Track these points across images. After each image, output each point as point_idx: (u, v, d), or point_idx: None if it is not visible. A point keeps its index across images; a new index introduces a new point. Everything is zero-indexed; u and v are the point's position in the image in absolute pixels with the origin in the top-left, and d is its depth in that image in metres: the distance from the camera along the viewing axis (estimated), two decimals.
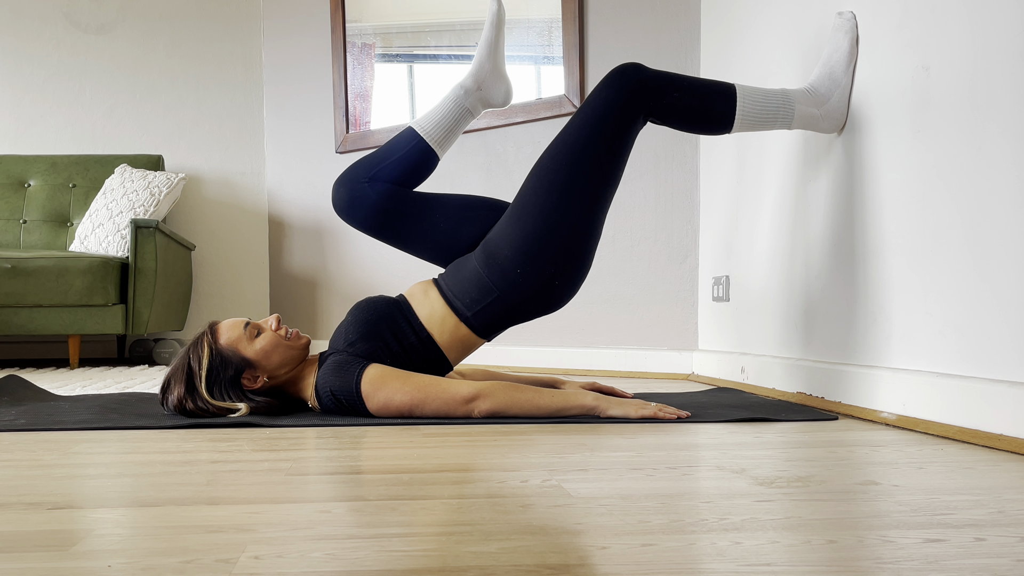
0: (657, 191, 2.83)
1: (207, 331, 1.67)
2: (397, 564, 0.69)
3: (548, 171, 1.67)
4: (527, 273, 1.66)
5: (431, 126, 1.82)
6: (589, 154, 1.65)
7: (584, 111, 1.68)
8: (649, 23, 2.85)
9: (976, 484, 1.01)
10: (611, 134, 1.65)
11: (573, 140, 1.66)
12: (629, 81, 1.66)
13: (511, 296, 1.68)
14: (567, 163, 1.65)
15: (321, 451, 1.29)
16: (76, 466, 1.16)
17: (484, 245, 1.71)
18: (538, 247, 1.65)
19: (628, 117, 1.66)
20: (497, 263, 1.67)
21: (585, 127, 1.66)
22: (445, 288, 1.73)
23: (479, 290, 1.68)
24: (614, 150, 1.66)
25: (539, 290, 1.68)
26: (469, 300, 1.69)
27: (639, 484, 1.01)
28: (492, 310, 1.69)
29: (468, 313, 1.70)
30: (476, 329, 1.72)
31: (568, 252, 1.66)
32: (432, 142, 1.81)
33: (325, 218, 3.83)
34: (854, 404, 1.69)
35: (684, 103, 1.68)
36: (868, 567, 0.69)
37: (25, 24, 3.97)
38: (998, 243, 1.32)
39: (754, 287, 2.31)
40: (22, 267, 3.17)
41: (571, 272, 1.69)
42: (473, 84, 1.88)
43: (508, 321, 1.73)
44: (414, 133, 1.81)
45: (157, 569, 0.68)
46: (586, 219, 1.66)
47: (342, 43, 3.73)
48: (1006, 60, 1.31)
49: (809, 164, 1.96)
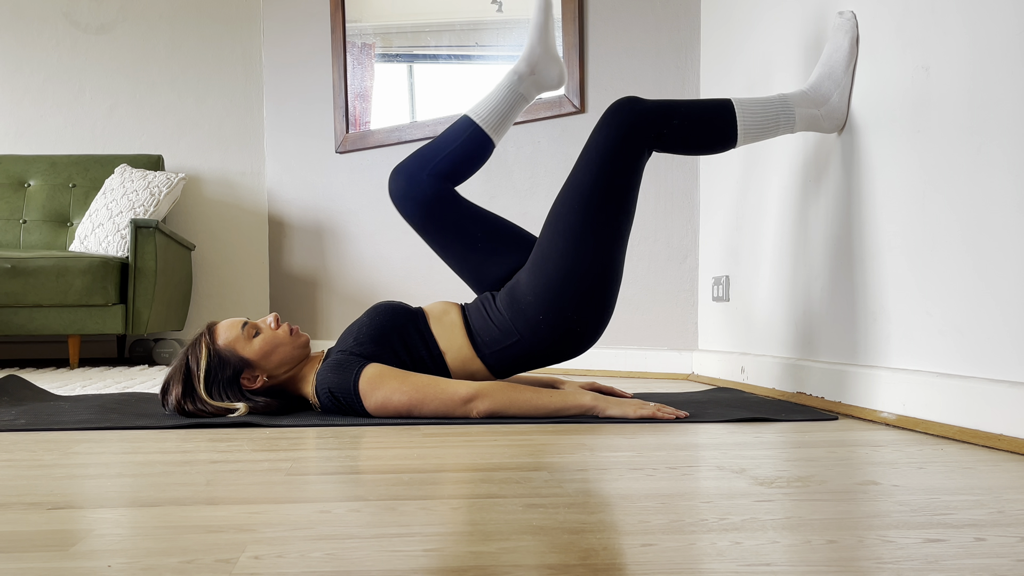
0: (657, 191, 2.83)
1: (205, 332, 1.68)
2: (397, 564, 0.69)
3: (561, 216, 1.67)
4: (549, 320, 1.66)
5: (487, 112, 1.84)
6: (598, 195, 1.64)
7: (588, 152, 1.67)
8: (649, 23, 2.85)
9: (976, 484, 1.01)
10: (617, 172, 1.65)
11: (581, 183, 1.66)
12: (627, 116, 1.65)
13: (531, 342, 1.68)
14: (578, 207, 1.65)
15: (321, 451, 1.29)
16: (76, 466, 1.16)
17: (510, 289, 1.71)
18: (559, 293, 1.65)
19: (631, 152, 1.65)
20: (520, 309, 1.68)
21: (591, 168, 1.65)
22: (469, 319, 1.74)
23: (502, 332, 1.69)
24: (622, 188, 1.66)
25: (561, 337, 1.68)
26: (490, 339, 1.70)
27: (639, 484, 1.01)
28: (511, 353, 1.70)
29: (486, 351, 1.71)
30: (491, 367, 1.72)
31: (589, 296, 1.66)
32: (488, 128, 1.83)
33: (325, 218, 3.84)
34: (854, 404, 1.69)
35: (685, 129, 1.67)
36: (868, 567, 0.69)
37: (25, 24, 3.97)
38: (998, 243, 1.32)
39: (754, 287, 2.31)
40: (22, 267, 3.17)
41: (592, 317, 1.68)
42: (527, 69, 1.88)
43: (525, 364, 1.74)
44: (470, 121, 1.83)
45: (157, 569, 0.68)
46: (604, 260, 1.66)
47: (342, 43, 3.73)
48: (1006, 60, 1.31)
49: (809, 164, 1.96)
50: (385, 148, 3.62)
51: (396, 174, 1.80)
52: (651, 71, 2.84)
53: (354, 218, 3.73)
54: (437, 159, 1.79)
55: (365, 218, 3.69)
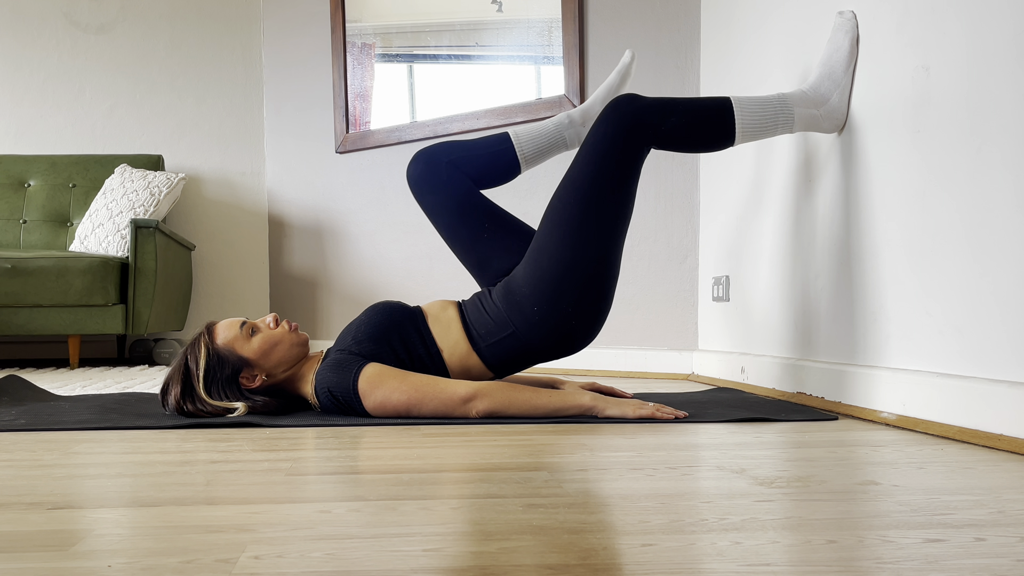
0: (657, 191, 2.83)
1: (204, 331, 1.68)
2: (397, 564, 0.69)
3: (558, 211, 1.68)
4: (544, 312, 1.66)
5: (527, 139, 1.85)
6: (596, 191, 1.65)
7: (587, 148, 1.68)
8: (649, 23, 2.85)
9: (976, 484, 1.01)
10: (615, 169, 1.65)
11: (579, 178, 1.66)
12: (626, 114, 1.65)
13: (526, 333, 1.68)
14: (575, 202, 1.66)
15: (321, 451, 1.29)
16: (76, 466, 1.16)
17: (506, 282, 1.72)
18: (554, 286, 1.65)
19: (630, 150, 1.66)
20: (515, 300, 1.68)
21: (590, 164, 1.66)
22: (466, 314, 1.74)
23: (496, 324, 1.69)
24: (620, 184, 1.66)
25: (555, 329, 1.68)
26: (485, 331, 1.70)
27: (639, 484, 1.01)
28: (506, 345, 1.70)
29: (482, 344, 1.70)
30: (487, 361, 1.72)
31: (584, 290, 1.66)
32: (521, 155, 1.84)
33: (325, 218, 3.84)
34: (854, 404, 1.69)
35: (683, 126, 1.68)
36: (868, 567, 0.69)
37: (25, 24, 3.97)
38: (998, 243, 1.32)
39: (754, 287, 2.31)
40: (22, 267, 3.17)
41: (588, 312, 1.68)
42: (580, 118, 1.91)
43: (522, 361, 1.73)
44: (508, 139, 1.84)
45: (157, 569, 0.68)
46: (600, 255, 1.66)
47: (342, 43, 3.73)
48: (1006, 60, 1.31)
49: (809, 164, 1.96)
50: (385, 148, 3.62)
51: (418, 156, 1.81)
52: (651, 71, 2.85)
53: (354, 218, 3.73)
54: (462, 155, 1.79)
55: (365, 218, 3.69)
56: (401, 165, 3.55)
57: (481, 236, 1.78)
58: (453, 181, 1.78)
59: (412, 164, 1.81)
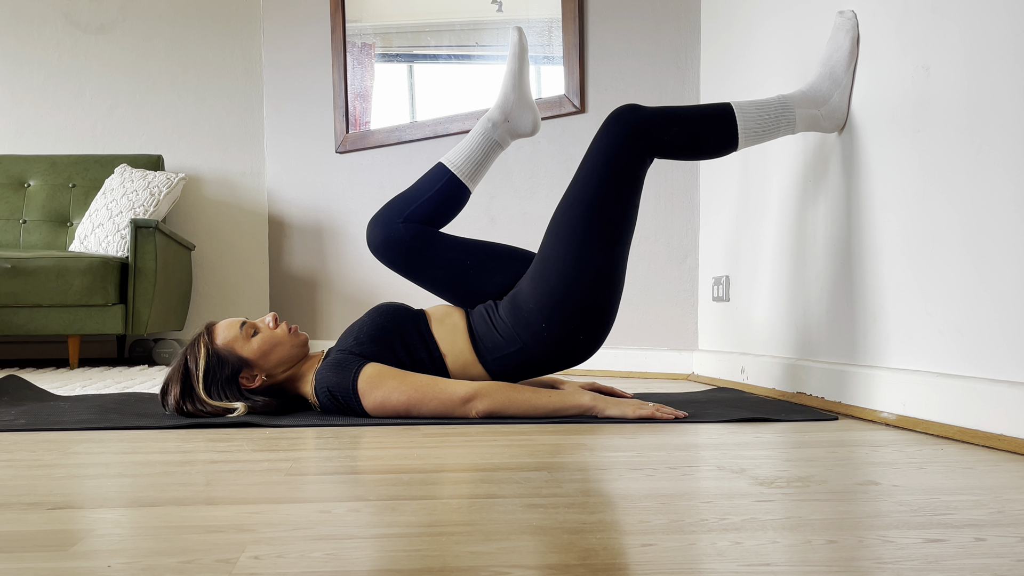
0: (657, 191, 2.83)
1: (204, 332, 1.68)
2: (397, 564, 0.69)
3: (562, 225, 1.67)
4: (552, 327, 1.66)
5: (461, 161, 1.82)
6: (599, 203, 1.64)
7: (589, 160, 1.67)
8: (649, 23, 2.85)
9: (976, 484, 1.01)
10: (618, 180, 1.65)
11: (582, 191, 1.66)
12: (627, 124, 1.65)
13: (534, 349, 1.68)
14: (579, 215, 1.65)
15: (321, 451, 1.29)
16: (76, 466, 1.16)
17: (512, 297, 1.71)
18: (561, 300, 1.65)
19: (632, 160, 1.65)
20: (522, 316, 1.67)
21: (592, 177, 1.65)
22: (473, 324, 1.73)
23: (505, 339, 1.69)
24: (623, 196, 1.66)
25: (562, 343, 1.68)
26: (492, 345, 1.69)
27: (639, 484, 1.01)
28: (513, 359, 1.70)
29: (488, 357, 1.70)
30: (492, 372, 1.72)
31: (591, 303, 1.66)
32: (463, 176, 1.81)
33: (325, 218, 3.84)
34: (854, 404, 1.69)
35: (686, 135, 1.67)
36: (868, 567, 0.69)
37: (25, 24, 3.97)
38: (997, 243, 1.32)
39: (754, 287, 2.31)
40: (22, 267, 3.17)
41: (595, 324, 1.68)
42: (500, 116, 1.87)
43: (527, 371, 1.73)
44: (444, 169, 1.81)
45: (157, 569, 0.68)
46: (605, 268, 1.66)
47: (342, 43, 3.73)
48: (1005, 60, 1.31)
49: (809, 164, 1.96)
50: (385, 148, 3.62)
51: (373, 223, 1.78)
52: (651, 72, 2.85)
53: (354, 218, 3.73)
54: (412, 207, 1.77)
55: (365, 218, 3.69)
56: (401, 165, 3.55)
57: (466, 274, 1.76)
58: (414, 235, 1.75)
59: (370, 231, 1.78)
